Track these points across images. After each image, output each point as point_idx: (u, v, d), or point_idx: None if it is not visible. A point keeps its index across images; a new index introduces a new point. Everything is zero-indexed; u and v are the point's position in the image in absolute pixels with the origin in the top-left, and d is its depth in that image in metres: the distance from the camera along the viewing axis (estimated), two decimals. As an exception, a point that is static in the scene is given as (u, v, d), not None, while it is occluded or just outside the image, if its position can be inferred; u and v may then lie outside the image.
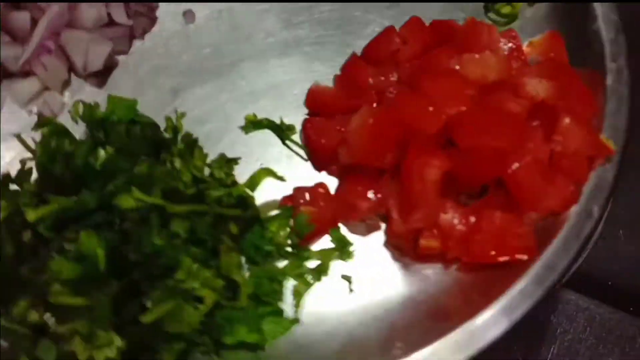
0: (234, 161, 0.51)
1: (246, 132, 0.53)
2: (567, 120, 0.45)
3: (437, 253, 0.46)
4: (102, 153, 0.43)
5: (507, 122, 0.44)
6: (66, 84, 0.54)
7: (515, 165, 0.43)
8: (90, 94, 0.54)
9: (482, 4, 0.57)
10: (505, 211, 0.44)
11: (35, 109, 0.53)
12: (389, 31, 0.54)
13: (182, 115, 0.50)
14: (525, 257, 0.43)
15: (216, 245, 0.44)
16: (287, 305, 0.46)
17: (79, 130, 0.50)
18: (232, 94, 0.55)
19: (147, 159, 0.43)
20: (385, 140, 0.45)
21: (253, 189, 0.48)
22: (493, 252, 0.43)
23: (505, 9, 0.57)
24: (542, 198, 0.43)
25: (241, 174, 0.49)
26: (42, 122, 0.50)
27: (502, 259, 0.43)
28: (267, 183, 0.51)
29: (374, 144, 0.45)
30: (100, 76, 0.55)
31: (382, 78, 0.52)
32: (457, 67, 0.47)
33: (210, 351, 0.43)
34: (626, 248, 0.88)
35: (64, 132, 0.50)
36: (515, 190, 0.43)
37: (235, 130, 0.53)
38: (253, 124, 0.53)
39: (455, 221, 0.44)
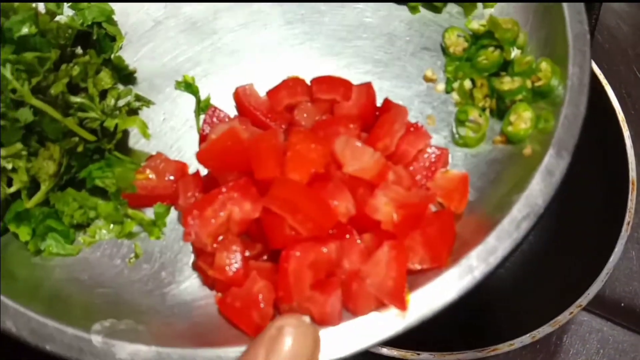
0: (146, 102, 0.55)
1: (176, 88, 0.56)
2: (385, 252, 0.42)
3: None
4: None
5: (318, 213, 0.42)
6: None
7: (293, 253, 0.41)
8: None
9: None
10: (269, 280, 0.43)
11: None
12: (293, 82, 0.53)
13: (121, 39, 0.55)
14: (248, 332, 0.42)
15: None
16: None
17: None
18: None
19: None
20: (229, 162, 0.46)
21: (121, 128, 0.51)
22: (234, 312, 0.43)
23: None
24: (298, 298, 0.41)
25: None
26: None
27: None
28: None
29: (219, 159, 0.46)
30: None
31: (305, 115, 0.52)
32: (340, 144, 0.46)
33: (-2, 229, 0.49)
34: (639, 269, 0.89)
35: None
36: (280, 273, 0.42)
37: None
38: (185, 85, 0.56)
39: (227, 263, 0.44)
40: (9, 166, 0.47)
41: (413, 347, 0.68)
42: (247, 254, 0.45)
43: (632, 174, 0.76)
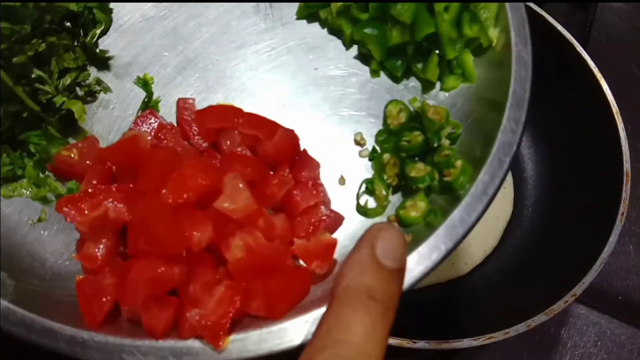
0: (104, 88, 0.61)
1: (135, 83, 0.62)
2: (221, 290, 0.46)
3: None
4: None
5: (168, 236, 0.46)
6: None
7: (135, 264, 0.46)
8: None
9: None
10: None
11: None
12: (222, 109, 0.57)
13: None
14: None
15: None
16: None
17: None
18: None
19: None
20: (126, 165, 0.51)
21: (65, 106, 0.57)
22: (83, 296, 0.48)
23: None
24: (131, 304, 0.46)
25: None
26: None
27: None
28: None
29: (118, 160, 0.52)
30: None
31: (228, 142, 0.56)
32: (227, 179, 0.49)
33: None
34: (637, 263, 0.92)
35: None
36: (121, 278, 0.47)
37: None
38: (142, 82, 0.61)
39: (91, 252, 0.49)
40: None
41: (409, 336, 0.72)
42: (121, 249, 0.51)
43: (627, 165, 0.78)
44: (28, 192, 0.56)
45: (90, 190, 0.49)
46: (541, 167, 0.98)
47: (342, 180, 0.57)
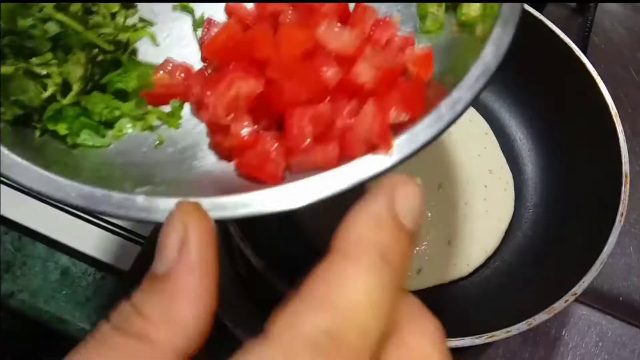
0: (149, 23, 0.63)
1: (173, 9, 0.64)
2: (370, 106, 0.52)
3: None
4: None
5: (311, 77, 0.51)
6: None
7: (294, 109, 0.50)
8: None
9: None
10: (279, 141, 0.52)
11: None
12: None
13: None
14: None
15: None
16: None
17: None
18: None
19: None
20: (231, 50, 0.55)
21: (133, 40, 0.59)
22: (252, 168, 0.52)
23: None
24: (303, 146, 0.50)
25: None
26: None
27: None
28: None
29: (223, 49, 0.55)
30: None
31: (288, 19, 0.61)
32: (322, 28, 0.55)
33: (36, 128, 0.56)
34: (637, 264, 0.93)
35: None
36: (286, 127, 0.51)
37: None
38: (181, 7, 0.64)
39: (241, 130, 0.52)
40: (43, 72, 0.54)
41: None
42: (255, 127, 0.54)
43: (625, 167, 0.81)
44: (133, 128, 0.58)
45: (220, 74, 0.52)
46: (541, 169, 1.01)
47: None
